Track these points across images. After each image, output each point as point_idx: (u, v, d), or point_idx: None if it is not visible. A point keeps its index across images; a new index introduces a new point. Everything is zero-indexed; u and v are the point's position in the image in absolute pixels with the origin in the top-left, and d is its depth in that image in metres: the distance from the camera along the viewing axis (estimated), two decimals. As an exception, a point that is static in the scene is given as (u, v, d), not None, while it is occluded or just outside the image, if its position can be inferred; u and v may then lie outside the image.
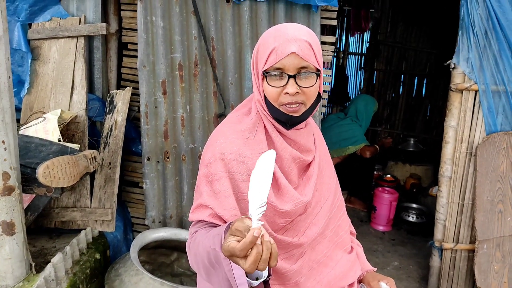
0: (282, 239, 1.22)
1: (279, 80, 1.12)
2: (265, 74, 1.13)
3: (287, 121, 1.16)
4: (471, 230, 2.68)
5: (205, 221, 1.18)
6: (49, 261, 1.98)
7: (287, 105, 1.13)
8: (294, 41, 1.09)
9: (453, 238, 2.74)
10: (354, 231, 1.60)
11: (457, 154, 2.62)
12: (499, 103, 2.53)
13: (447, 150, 2.66)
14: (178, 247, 2.63)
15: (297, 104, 1.13)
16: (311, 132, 1.33)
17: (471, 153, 2.60)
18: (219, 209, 1.15)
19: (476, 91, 2.53)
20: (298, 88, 1.11)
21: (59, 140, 2.19)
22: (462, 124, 2.58)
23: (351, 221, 1.59)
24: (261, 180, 0.92)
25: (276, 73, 1.11)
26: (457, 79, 2.54)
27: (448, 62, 2.56)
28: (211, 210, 1.17)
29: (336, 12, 2.51)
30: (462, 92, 2.55)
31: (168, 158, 2.66)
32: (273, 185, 1.20)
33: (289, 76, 1.10)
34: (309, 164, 1.30)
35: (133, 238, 2.60)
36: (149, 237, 2.47)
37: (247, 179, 1.15)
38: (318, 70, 1.14)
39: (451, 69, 2.55)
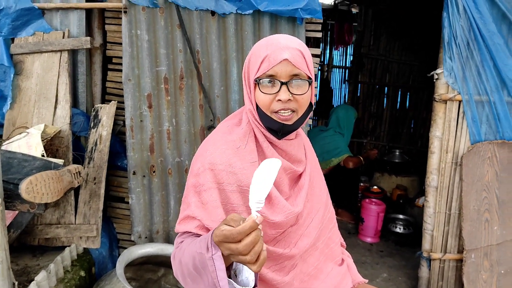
0: (273, 251, 1.20)
1: (271, 87, 1.12)
2: (258, 81, 1.12)
3: (279, 130, 1.16)
4: (458, 239, 2.69)
5: (192, 232, 1.16)
6: (33, 280, 1.93)
7: (279, 112, 1.12)
8: (287, 49, 1.10)
9: (441, 248, 2.74)
10: (344, 242, 1.59)
11: (442, 164, 2.65)
12: (482, 113, 2.57)
13: (433, 160, 2.68)
14: (165, 262, 2.58)
15: (290, 112, 1.12)
16: (301, 144, 1.32)
17: (457, 162, 2.63)
18: (207, 220, 1.13)
19: (459, 101, 2.56)
20: (291, 95, 1.11)
21: (43, 155, 2.15)
22: (447, 134, 2.61)
23: (339, 233, 1.58)
24: (265, 179, 0.94)
25: (268, 80, 1.11)
26: (440, 89, 2.57)
27: (432, 73, 2.59)
28: (199, 222, 1.15)
29: (320, 25, 2.53)
30: (446, 103, 2.58)
31: (154, 172, 2.63)
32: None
33: (282, 83, 1.10)
34: (300, 175, 1.29)
35: (119, 255, 2.55)
36: (135, 253, 2.42)
37: (236, 190, 1.14)
38: (310, 78, 1.14)
39: (434, 80, 2.59)
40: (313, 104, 1.22)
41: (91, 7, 2.56)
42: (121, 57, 2.56)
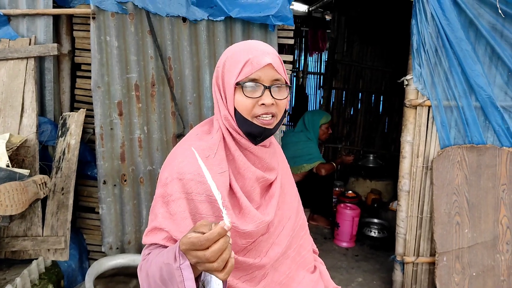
0: (243, 261, 1.18)
1: (253, 92, 1.11)
2: (241, 84, 1.11)
3: (260, 134, 1.15)
4: (430, 243, 2.73)
5: (159, 244, 1.13)
6: (-4, 296, 1.85)
7: (261, 117, 1.12)
8: (268, 54, 1.12)
9: (413, 251, 2.77)
10: (316, 249, 1.57)
11: (414, 169, 2.68)
12: (451, 118, 2.62)
13: (405, 165, 2.71)
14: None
15: (270, 116, 1.13)
16: (275, 152, 1.31)
17: (427, 167, 2.67)
18: (175, 231, 1.10)
19: (429, 107, 2.60)
20: (273, 99, 1.11)
21: (7, 166, 2.08)
22: (418, 139, 2.65)
23: (315, 239, 1.57)
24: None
25: (252, 83, 1.11)
26: (411, 95, 2.61)
27: (402, 79, 2.63)
28: (166, 233, 1.11)
29: (292, 32, 2.54)
30: (416, 108, 2.62)
31: (125, 181, 2.58)
32: (234, 206, 1.16)
33: (265, 87, 1.11)
34: (272, 183, 1.28)
35: (89, 267, 2.48)
36: (105, 264, 2.36)
37: (205, 200, 1.11)
38: (287, 83, 1.16)
39: (404, 86, 2.62)
40: (287, 110, 1.22)
41: (59, 13, 2.51)
42: (90, 64, 2.51)
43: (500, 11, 2.42)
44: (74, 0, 2.53)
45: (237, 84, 1.12)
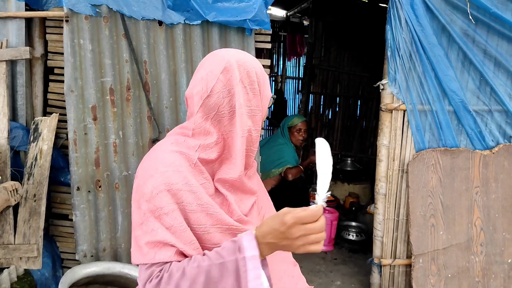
0: None
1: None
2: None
3: None
4: (407, 245, 2.76)
5: (162, 262, 1.03)
6: (-37, 307, 1.79)
7: None
8: None
9: (390, 254, 2.80)
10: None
11: (390, 172, 2.71)
12: (426, 122, 2.66)
13: (381, 168, 2.74)
14: (113, 282, 2.47)
15: None
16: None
17: (403, 170, 2.70)
18: (179, 244, 1.03)
19: (404, 111, 2.64)
20: None
21: (-24, 172, 2.01)
22: (394, 143, 2.68)
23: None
24: (325, 166, 1.05)
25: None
26: (386, 99, 2.65)
27: (378, 83, 2.67)
28: (174, 248, 1.03)
29: (270, 36, 2.55)
30: (392, 112, 2.66)
31: (100, 187, 2.53)
32: (222, 205, 1.13)
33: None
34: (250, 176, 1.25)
35: (63, 275, 2.41)
36: (79, 273, 2.30)
37: (198, 210, 1.06)
38: None
39: (380, 90, 2.66)
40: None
41: (31, 16, 2.45)
42: (63, 68, 2.45)
43: (470, 17, 2.47)
44: (47, 3, 2.48)
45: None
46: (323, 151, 1.09)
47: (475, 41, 2.57)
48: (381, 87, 2.65)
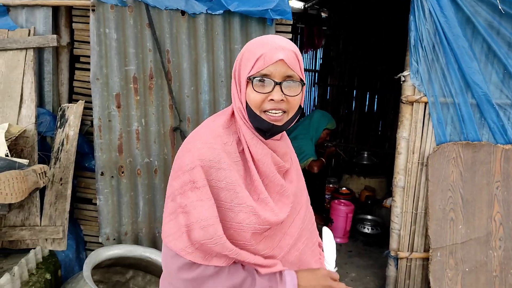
0: (254, 250, 1.17)
1: (264, 87, 1.10)
2: (252, 79, 1.10)
3: (268, 130, 1.14)
4: (425, 238, 2.75)
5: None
6: (-5, 284, 1.87)
7: (269, 112, 1.11)
8: (282, 49, 1.10)
9: (408, 247, 2.79)
10: (321, 241, 1.55)
11: (409, 165, 2.70)
12: (447, 115, 2.63)
13: (400, 161, 2.73)
14: (134, 264, 2.55)
15: (281, 112, 1.11)
16: (287, 144, 1.31)
17: (423, 163, 2.68)
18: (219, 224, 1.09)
19: (426, 103, 2.62)
20: (283, 96, 1.10)
21: (7, 155, 2.09)
22: (414, 135, 2.67)
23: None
24: (331, 249, 1.38)
25: (262, 79, 1.09)
26: (407, 91, 2.63)
27: (399, 75, 2.65)
28: (228, 258, 1.12)
29: (290, 26, 2.55)
30: (412, 104, 2.64)
31: (122, 173, 2.59)
32: (253, 192, 1.16)
33: (275, 83, 1.09)
34: (287, 171, 1.28)
35: (86, 257, 2.50)
36: (102, 255, 2.38)
37: (225, 187, 1.11)
38: (302, 80, 1.14)
39: (401, 82, 2.64)
40: (302, 106, 1.21)
41: (58, 4, 2.51)
42: (89, 56, 2.52)
43: (500, 8, 2.42)
44: (74, -8, 2.54)
45: (249, 78, 1.11)
46: (328, 237, 1.42)
47: (500, 33, 2.53)
48: (402, 79, 2.63)
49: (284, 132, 1.27)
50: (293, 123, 1.19)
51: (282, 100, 1.09)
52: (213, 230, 1.07)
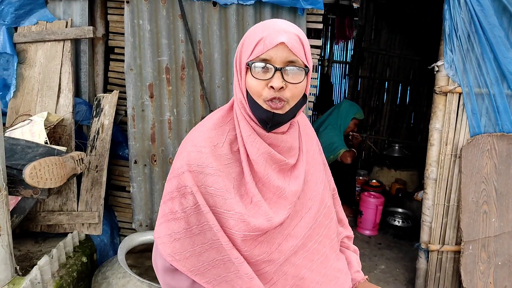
0: (248, 256, 1.09)
1: (264, 73, 1.01)
2: (250, 65, 1.01)
3: (269, 120, 1.05)
4: (456, 231, 2.71)
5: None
6: (35, 265, 1.95)
7: (270, 101, 1.02)
8: (284, 32, 1.01)
9: (439, 239, 2.76)
10: (351, 234, 1.46)
11: (442, 156, 2.66)
12: (482, 106, 2.58)
13: (432, 153, 2.69)
14: (166, 251, 2.60)
15: (281, 101, 1.03)
16: (296, 136, 1.20)
17: (456, 155, 2.64)
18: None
19: (460, 94, 2.57)
20: (284, 83, 1.01)
21: (46, 143, 2.17)
22: (447, 126, 2.62)
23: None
24: None
25: (262, 64, 1.01)
26: (441, 82, 2.58)
27: (433, 65, 2.60)
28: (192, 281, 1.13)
29: (321, 16, 2.54)
30: (446, 95, 2.59)
31: (155, 161, 2.65)
32: (245, 196, 1.10)
33: (276, 69, 1.00)
34: (294, 166, 1.18)
35: (120, 243, 2.57)
36: (136, 240, 2.45)
37: (214, 193, 1.06)
38: (306, 67, 1.04)
39: (435, 72, 2.60)
40: (307, 95, 1.11)
41: (94, -3, 2.58)
42: (123, 47, 2.58)
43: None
44: (108, -16, 2.60)
45: (247, 64, 1.02)
46: None
47: (539, 22, 2.46)
48: (436, 69, 2.58)
49: (293, 124, 1.18)
50: (298, 113, 1.11)
51: (282, 87, 1.01)
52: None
